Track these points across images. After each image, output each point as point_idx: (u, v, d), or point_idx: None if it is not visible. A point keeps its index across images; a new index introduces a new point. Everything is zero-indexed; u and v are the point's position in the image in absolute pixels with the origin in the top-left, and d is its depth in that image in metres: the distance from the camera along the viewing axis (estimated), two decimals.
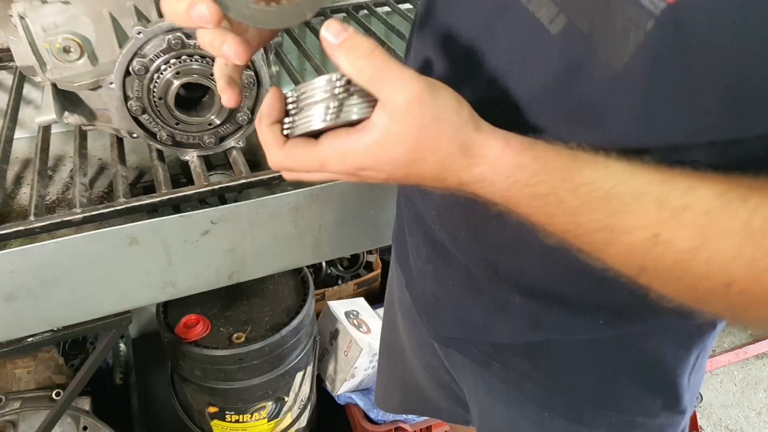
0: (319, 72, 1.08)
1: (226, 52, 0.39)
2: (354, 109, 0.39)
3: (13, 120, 1.01)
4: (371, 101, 0.39)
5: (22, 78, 1.13)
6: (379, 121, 0.37)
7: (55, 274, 0.81)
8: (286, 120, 0.42)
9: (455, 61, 0.47)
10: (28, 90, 1.14)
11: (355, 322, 1.44)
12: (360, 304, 1.51)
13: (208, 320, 1.22)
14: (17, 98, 1.08)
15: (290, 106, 0.41)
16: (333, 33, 0.37)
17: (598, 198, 0.36)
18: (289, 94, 0.41)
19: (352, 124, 0.39)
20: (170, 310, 1.25)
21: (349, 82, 0.39)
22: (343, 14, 1.39)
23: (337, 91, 0.39)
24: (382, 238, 0.98)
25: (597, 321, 0.53)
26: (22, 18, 0.77)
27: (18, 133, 0.96)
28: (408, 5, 1.43)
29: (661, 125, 0.37)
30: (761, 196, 0.33)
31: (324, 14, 1.34)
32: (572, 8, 0.37)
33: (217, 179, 0.87)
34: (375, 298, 1.58)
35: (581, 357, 0.58)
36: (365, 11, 1.40)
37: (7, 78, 1.19)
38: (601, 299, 0.44)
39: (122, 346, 1.58)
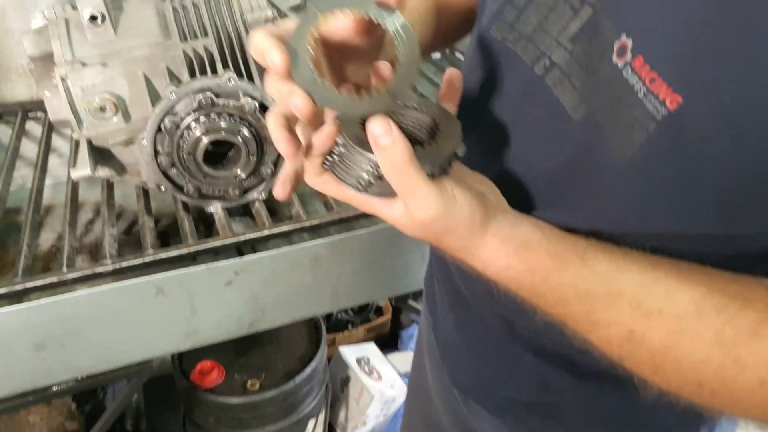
0: None
1: (293, 105, 0.40)
2: (381, 191, 0.44)
3: (43, 171, 1.05)
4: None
5: (50, 129, 1.18)
6: (401, 219, 0.44)
7: (83, 324, 0.83)
8: (329, 157, 0.45)
9: (486, 131, 0.51)
10: (53, 138, 1.19)
11: (366, 368, 1.45)
12: (371, 349, 1.52)
13: (223, 367, 1.23)
14: (47, 149, 1.12)
15: (336, 149, 0.44)
16: (378, 132, 0.40)
17: (576, 296, 0.41)
18: (340, 140, 0.43)
19: None
20: (185, 355, 1.26)
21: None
22: None
23: (374, 171, 0.43)
24: (397, 287, 1.00)
25: (604, 388, 0.55)
26: (63, 80, 0.82)
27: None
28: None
29: (658, 216, 0.40)
30: (739, 306, 0.36)
31: None
32: (592, 99, 0.41)
33: (239, 229, 0.90)
34: (386, 343, 1.60)
35: (590, 422, 0.60)
36: None
37: (36, 128, 1.24)
38: (607, 368, 0.47)
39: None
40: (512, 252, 0.43)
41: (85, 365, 0.88)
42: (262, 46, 0.40)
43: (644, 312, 0.39)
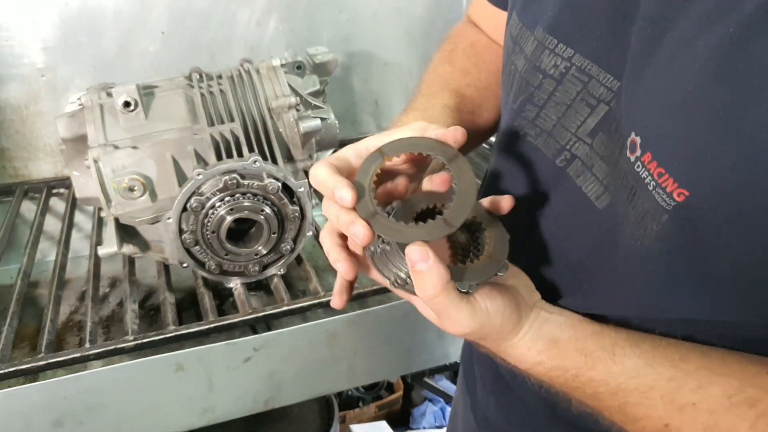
0: None
1: (353, 232, 0.43)
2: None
3: (66, 246, 1.08)
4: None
5: (73, 206, 1.22)
6: (436, 321, 0.47)
7: (103, 400, 0.83)
8: (371, 246, 0.48)
9: (516, 219, 0.53)
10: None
11: None
12: (382, 427, 1.50)
13: None
14: (69, 225, 1.16)
15: (380, 244, 0.48)
16: (415, 258, 0.42)
17: (606, 392, 0.43)
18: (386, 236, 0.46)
19: None
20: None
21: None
22: None
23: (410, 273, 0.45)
24: (413, 364, 1.01)
25: None
26: (95, 161, 0.86)
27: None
28: None
29: (679, 303, 0.41)
30: None
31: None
32: (613, 189, 0.44)
33: (256, 304, 0.92)
34: (397, 421, 1.57)
35: None
36: None
37: (58, 204, 1.28)
38: None
39: None
40: (543, 350, 0.46)
41: None
42: (329, 183, 0.44)
43: (677, 406, 0.40)
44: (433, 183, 0.49)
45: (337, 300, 0.54)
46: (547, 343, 0.46)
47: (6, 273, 1.12)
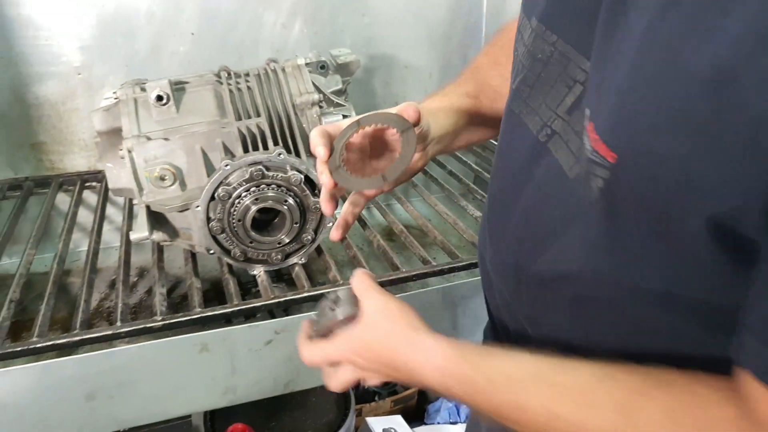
0: None
1: (321, 179, 0.63)
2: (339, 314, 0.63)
3: (99, 234, 1.14)
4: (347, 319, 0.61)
5: (105, 198, 1.28)
6: (362, 319, 0.59)
7: (132, 377, 0.88)
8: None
9: (505, 191, 0.60)
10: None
11: None
12: (398, 421, 1.53)
13: (254, 430, 1.26)
14: (102, 215, 1.21)
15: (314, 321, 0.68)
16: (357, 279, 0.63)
17: (502, 381, 0.49)
18: (314, 316, 0.68)
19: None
20: (217, 417, 1.29)
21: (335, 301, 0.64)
22: None
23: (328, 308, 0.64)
24: None
25: None
26: (129, 151, 0.91)
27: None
28: None
29: (614, 262, 0.46)
30: (628, 372, 0.44)
31: None
32: (581, 160, 0.47)
33: (279, 293, 0.96)
34: (412, 416, 1.60)
35: None
36: None
37: (90, 196, 1.34)
38: None
39: None
40: (445, 359, 0.53)
41: (129, 418, 0.92)
42: (314, 141, 0.62)
43: (549, 384, 0.46)
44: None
45: (334, 233, 0.71)
46: (450, 348, 0.52)
47: (41, 261, 1.17)
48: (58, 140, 1.33)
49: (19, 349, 0.83)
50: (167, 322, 0.88)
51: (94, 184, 1.36)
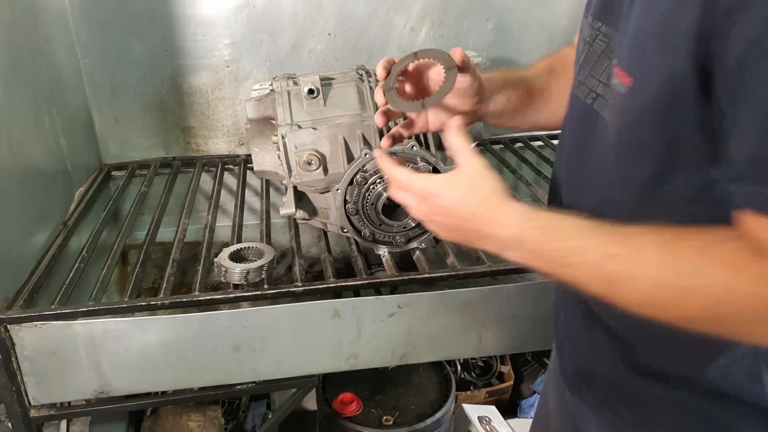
0: None
1: (376, 97, 0.81)
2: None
3: (242, 210, 1.27)
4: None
5: (244, 180, 1.42)
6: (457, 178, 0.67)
7: (273, 334, 1.00)
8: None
9: (570, 151, 0.73)
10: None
11: (487, 427, 1.53)
12: (492, 411, 1.60)
13: (361, 401, 1.36)
14: (242, 194, 1.36)
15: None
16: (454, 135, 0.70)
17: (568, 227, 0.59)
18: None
19: None
20: (328, 386, 1.41)
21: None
22: (500, 146, 1.61)
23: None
24: (536, 342, 1.11)
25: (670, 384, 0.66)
26: (283, 137, 1.03)
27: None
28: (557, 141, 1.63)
29: (630, 164, 0.60)
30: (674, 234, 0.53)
31: (484, 144, 1.57)
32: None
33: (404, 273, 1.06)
34: (505, 410, 1.66)
35: (669, 414, 0.68)
36: (521, 144, 1.62)
37: (230, 178, 1.50)
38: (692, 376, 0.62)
39: (270, 414, 1.74)
40: (522, 220, 0.61)
41: (266, 371, 1.05)
42: (380, 64, 0.78)
43: (606, 231, 0.56)
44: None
45: (378, 118, 0.82)
46: (525, 213, 0.60)
47: (192, 232, 1.32)
48: (204, 125, 1.50)
49: (185, 299, 0.97)
50: (307, 288, 0.99)
51: (232, 167, 1.51)
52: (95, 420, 1.23)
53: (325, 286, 1.00)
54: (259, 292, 0.99)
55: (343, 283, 1.01)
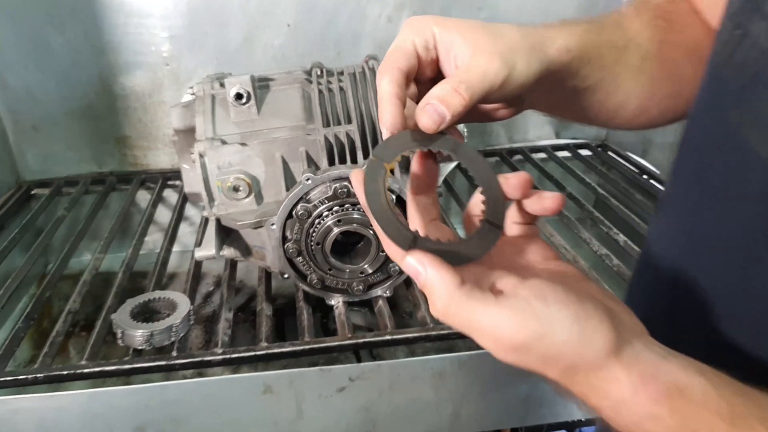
0: None
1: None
2: None
3: (172, 239, 1.05)
4: None
5: (185, 199, 1.19)
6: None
7: (186, 413, 0.77)
8: None
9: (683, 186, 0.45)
10: (186, 208, 1.20)
11: None
12: None
13: None
14: (178, 219, 1.13)
15: None
16: (412, 272, 0.38)
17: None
18: None
19: None
20: None
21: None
22: (497, 158, 1.36)
23: None
24: (528, 418, 0.87)
25: None
26: (201, 155, 0.80)
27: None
28: (564, 152, 1.39)
29: None
30: None
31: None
32: None
33: (357, 320, 0.83)
34: None
35: None
36: (519, 156, 1.37)
37: (172, 195, 1.27)
38: None
39: None
40: (661, 397, 0.33)
41: None
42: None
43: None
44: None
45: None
46: (667, 390, 0.33)
47: (117, 260, 1.10)
48: (143, 135, 1.26)
49: (66, 372, 0.74)
50: (227, 357, 0.76)
51: (177, 183, 1.28)
52: None
53: (254, 353, 0.77)
54: (164, 363, 0.75)
55: (277, 350, 0.77)
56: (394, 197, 0.41)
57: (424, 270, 0.37)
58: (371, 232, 0.79)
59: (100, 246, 1.01)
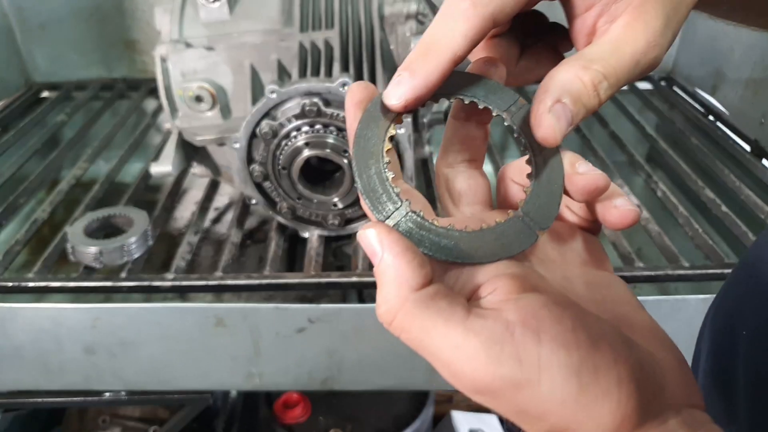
0: None
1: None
2: None
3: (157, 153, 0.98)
4: None
5: None
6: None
7: (134, 338, 0.72)
8: None
9: None
10: None
11: None
12: (491, 423, 1.28)
13: (310, 402, 1.09)
14: None
15: None
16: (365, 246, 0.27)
17: None
18: None
19: None
20: None
21: None
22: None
23: None
24: None
25: None
26: (163, 60, 0.71)
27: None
28: None
29: None
30: None
31: None
32: None
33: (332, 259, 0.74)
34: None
35: None
36: None
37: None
38: None
39: (233, 392, 1.51)
40: None
41: (136, 380, 0.77)
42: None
43: None
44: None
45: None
46: None
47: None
48: (151, 40, 1.18)
49: (10, 285, 0.70)
50: (177, 284, 0.70)
51: None
52: None
53: (205, 283, 0.70)
54: (109, 284, 0.70)
55: (230, 282, 0.70)
56: (388, 160, 0.27)
57: (380, 251, 0.26)
58: (345, 161, 0.69)
59: (87, 156, 0.96)
